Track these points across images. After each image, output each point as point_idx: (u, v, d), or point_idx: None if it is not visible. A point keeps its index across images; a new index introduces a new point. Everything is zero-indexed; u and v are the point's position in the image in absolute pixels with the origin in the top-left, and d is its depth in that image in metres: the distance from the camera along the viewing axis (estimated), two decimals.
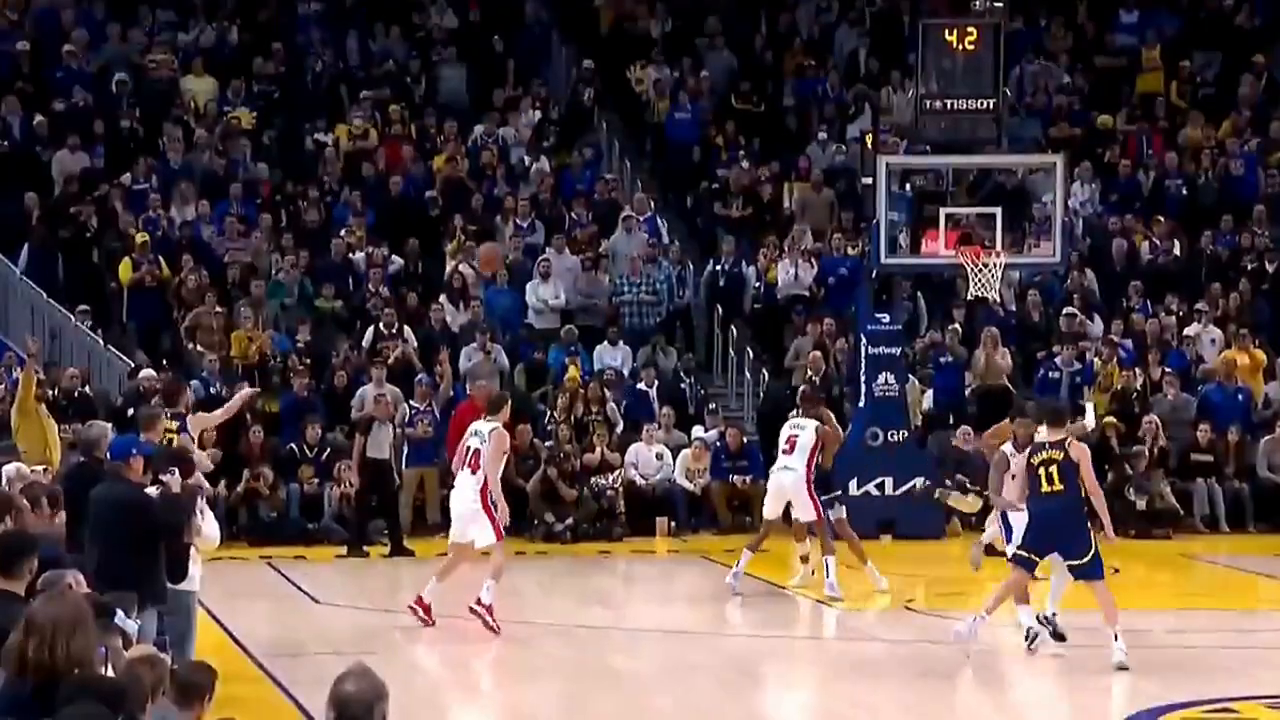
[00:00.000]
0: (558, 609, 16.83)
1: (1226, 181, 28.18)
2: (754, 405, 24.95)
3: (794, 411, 18.34)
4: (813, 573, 17.92)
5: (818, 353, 23.92)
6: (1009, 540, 14.66)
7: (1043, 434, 14.24)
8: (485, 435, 15.72)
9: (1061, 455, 13.83)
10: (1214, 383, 24.33)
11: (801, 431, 17.62)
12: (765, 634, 16.70)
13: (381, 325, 24.21)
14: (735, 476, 22.96)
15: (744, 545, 18.27)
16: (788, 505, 17.72)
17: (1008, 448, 15.01)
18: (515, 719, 13.28)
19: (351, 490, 21.45)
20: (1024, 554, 14.09)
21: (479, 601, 15.37)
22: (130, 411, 17.83)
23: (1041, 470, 13.85)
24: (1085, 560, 13.89)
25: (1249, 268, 26.69)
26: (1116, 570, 19.88)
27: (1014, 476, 14.58)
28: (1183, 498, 23.12)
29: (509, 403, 16.72)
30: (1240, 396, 24.12)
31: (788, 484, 17.53)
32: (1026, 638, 14.36)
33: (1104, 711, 12.56)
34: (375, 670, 6.56)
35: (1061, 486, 13.76)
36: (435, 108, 28.62)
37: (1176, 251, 27.00)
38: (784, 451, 17.61)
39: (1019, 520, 14.46)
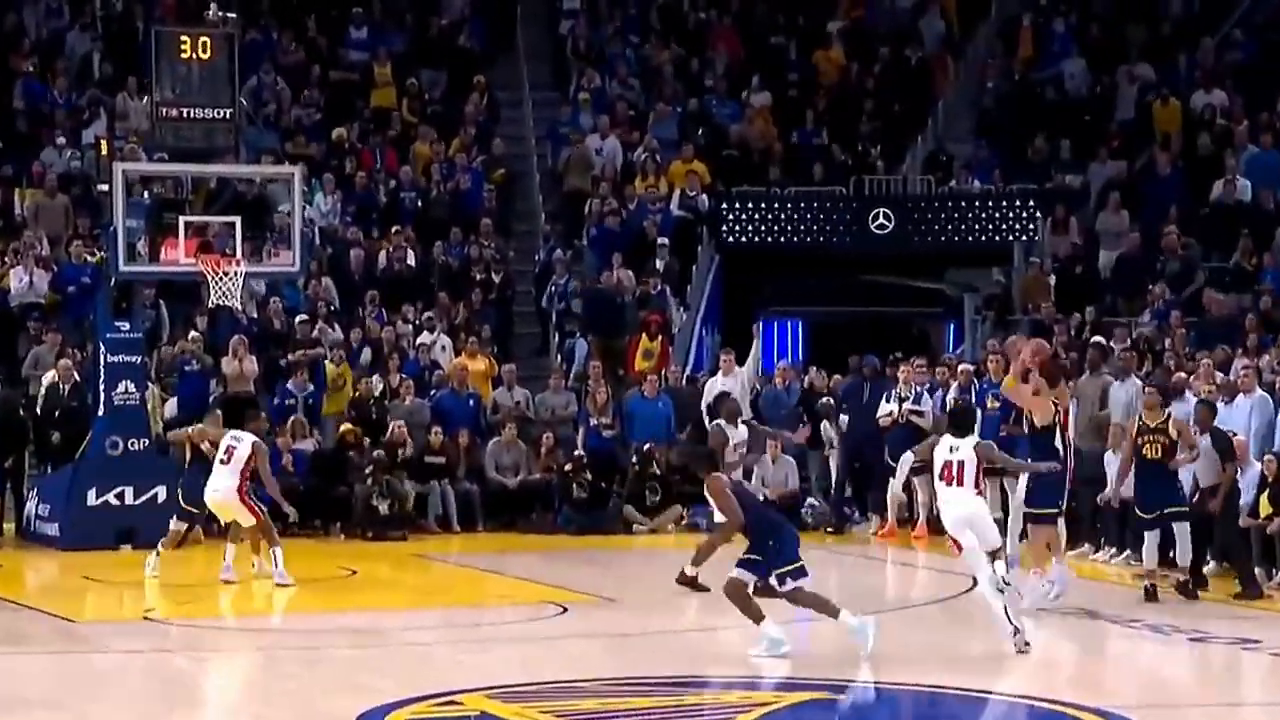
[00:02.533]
0: None
1: (456, 195, 29.04)
2: None
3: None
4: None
5: (66, 360, 23.30)
6: None
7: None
8: None
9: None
10: (447, 388, 24.97)
11: (239, 444, 18.64)
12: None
13: None
14: None
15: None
16: None
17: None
18: None
19: None
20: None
21: None
22: None
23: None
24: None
25: (478, 278, 27.57)
26: (355, 572, 20.34)
27: None
28: (418, 498, 23.66)
29: None
30: (471, 401, 24.86)
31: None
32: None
33: (338, 710, 12.65)
34: None
35: None
36: None
37: (411, 261, 27.60)
38: (221, 461, 18.60)
39: None
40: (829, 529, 23.42)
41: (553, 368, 26.64)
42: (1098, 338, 23.83)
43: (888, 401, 23.24)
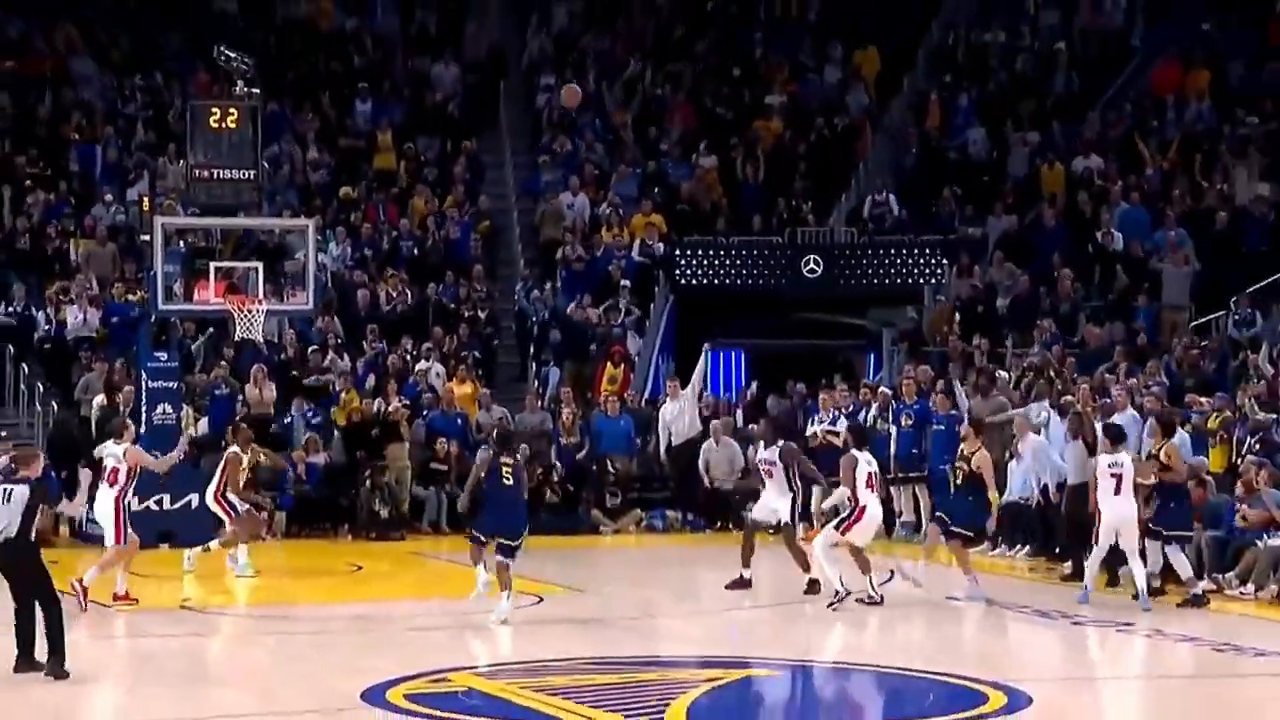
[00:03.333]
0: None
1: (448, 244, 29.05)
2: (45, 434, 24.05)
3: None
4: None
5: (130, 388, 23.22)
6: None
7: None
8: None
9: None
10: (438, 410, 24.94)
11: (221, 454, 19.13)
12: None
13: None
14: None
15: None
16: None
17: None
18: None
19: None
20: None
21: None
22: None
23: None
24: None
25: (466, 314, 27.60)
26: (360, 568, 20.27)
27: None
28: (413, 503, 23.62)
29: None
30: (459, 420, 24.83)
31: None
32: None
33: (345, 689, 12.61)
34: None
35: None
36: None
37: (409, 301, 27.60)
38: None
39: None
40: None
41: (530, 391, 26.63)
42: (990, 365, 24.02)
43: (813, 424, 23.32)
